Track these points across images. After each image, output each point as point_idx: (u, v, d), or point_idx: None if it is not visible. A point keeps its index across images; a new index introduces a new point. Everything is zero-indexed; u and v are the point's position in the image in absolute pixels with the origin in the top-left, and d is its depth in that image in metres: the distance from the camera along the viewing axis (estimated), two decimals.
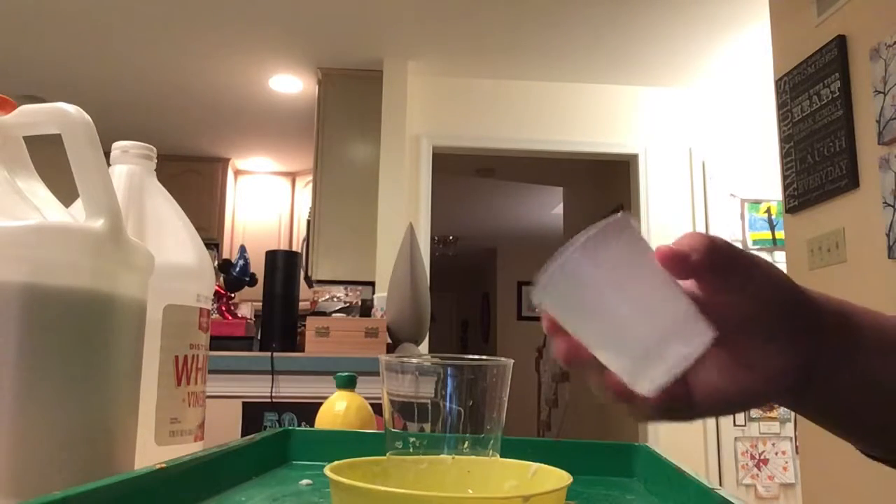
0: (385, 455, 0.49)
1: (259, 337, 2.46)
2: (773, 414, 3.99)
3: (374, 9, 3.52)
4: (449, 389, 0.47)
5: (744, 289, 0.39)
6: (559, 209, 6.63)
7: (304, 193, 5.66)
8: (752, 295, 0.39)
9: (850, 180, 2.27)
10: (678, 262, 0.37)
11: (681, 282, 0.38)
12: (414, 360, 0.49)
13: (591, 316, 0.37)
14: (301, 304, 2.53)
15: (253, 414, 2.17)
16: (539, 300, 0.37)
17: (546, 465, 0.50)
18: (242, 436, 0.66)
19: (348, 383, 0.89)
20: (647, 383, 0.37)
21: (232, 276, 2.50)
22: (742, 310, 0.39)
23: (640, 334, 0.36)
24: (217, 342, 2.18)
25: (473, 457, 0.48)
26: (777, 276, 0.40)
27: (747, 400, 0.41)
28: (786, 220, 2.68)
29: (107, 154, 0.56)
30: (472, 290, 10.11)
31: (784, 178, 2.65)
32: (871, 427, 0.46)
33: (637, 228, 0.37)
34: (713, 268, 0.38)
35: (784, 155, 2.65)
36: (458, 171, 5.49)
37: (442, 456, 0.47)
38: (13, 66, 4.16)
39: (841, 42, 2.36)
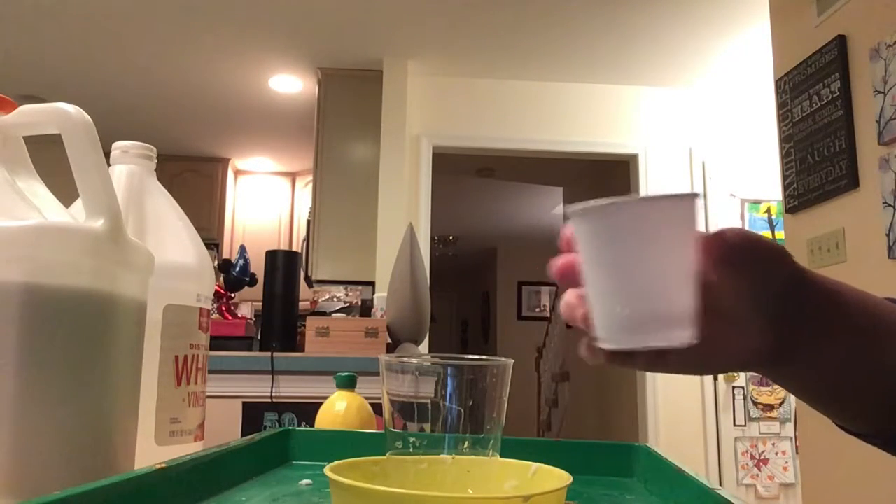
0: (385, 455, 0.49)
1: (259, 337, 2.46)
2: (774, 414, 3.99)
3: (374, 9, 3.52)
4: (449, 389, 0.47)
5: (750, 282, 0.40)
6: (559, 209, 6.63)
7: (304, 193, 5.66)
8: (752, 285, 0.40)
9: (850, 180, 2.27)
10: (710, 256, 0.38)
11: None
12: (414, 360, 0.49)
13: (612, 259, 0.38)
14: (301, 304, 2.53)
15: (253, 414, 2.17)
16: (579, 220, 0.38)
17: (546, 465, 0.50)
18: (242, 436, 0.66)
19: (348, 383, 0.89)
20: (610, 343, 0.39)
21: (232, 276, 2.50)
22: (736, 298, 0.41)
23: (641, 301, 0.38)
24: (217, 342, 2.18)
25: (473, 457, 0.48)
26: (778, 264, 0.41)
27: (715, 370, 0.45)
28: (786, 220, 2.68)
29: (107, 154, 0.56)
30: (472, 290, 10.11)
31: (784, 178, 2.65)
32: (848, 404, 0.47)
33: (696, 214, 0.38)
34: (733, 263, 0.39)
35: (784, 155, 2.65)
36: (458, 171, 5.49)
37: (442, 456, 0.47)
38: (13, 66, 4.16)
39: (841, 42, 2.36)
